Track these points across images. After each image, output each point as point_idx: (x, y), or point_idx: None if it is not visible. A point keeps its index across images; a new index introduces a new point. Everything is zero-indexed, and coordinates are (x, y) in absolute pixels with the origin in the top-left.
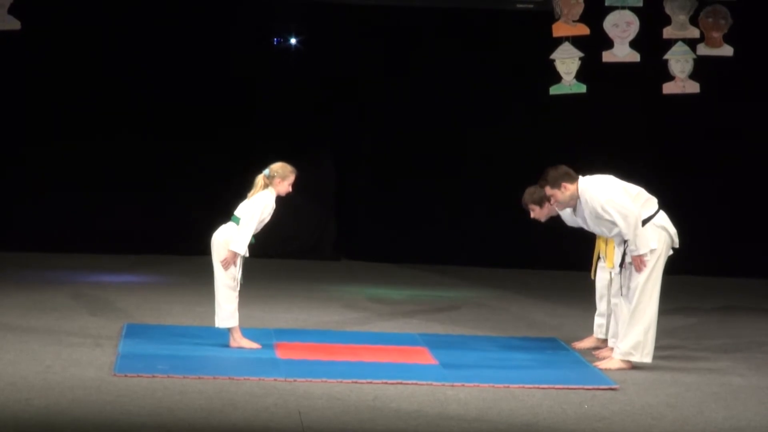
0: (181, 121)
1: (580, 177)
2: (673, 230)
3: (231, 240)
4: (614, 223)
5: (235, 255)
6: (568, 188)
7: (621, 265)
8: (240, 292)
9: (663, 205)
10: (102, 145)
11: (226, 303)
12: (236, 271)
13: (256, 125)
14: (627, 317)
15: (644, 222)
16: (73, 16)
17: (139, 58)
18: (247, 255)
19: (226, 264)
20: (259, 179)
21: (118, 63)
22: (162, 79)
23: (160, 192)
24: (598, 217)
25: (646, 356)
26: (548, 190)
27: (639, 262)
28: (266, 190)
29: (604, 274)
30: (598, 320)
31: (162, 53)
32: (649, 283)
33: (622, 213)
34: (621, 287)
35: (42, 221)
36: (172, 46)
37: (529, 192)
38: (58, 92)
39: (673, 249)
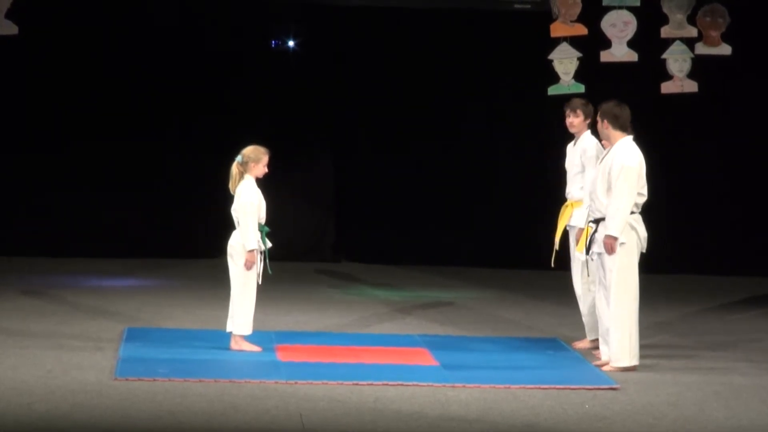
0: (180, 125)
1: (629, 137)
2: (643, 234)
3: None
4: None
5: (252, 252)
6: (608, 128)
7: (587, 251)
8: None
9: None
10: (102, 149)
11: (246, 310)
12: (259, 268)
13: (255, 129)
14: (608, 322)
15: None
16: (72, 19)
17: (139, 61)
18: (269, 245)
19: (249, 264)
20: (234, 168)
21: (118, 66)
22: (161, 82)
23: (160, 196)
24: (609, 174)
25: (633, 358)
26: (599, 115)
27: (609, 246)
28: (245, 180)
29: (577, 277)
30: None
31: (161, 56)
32: (622, 285)
33: (623, 188)
34: (597, 277)
35: (42, 225)
36: (171, 50)
37: (585, 103)
38: (57, 96)
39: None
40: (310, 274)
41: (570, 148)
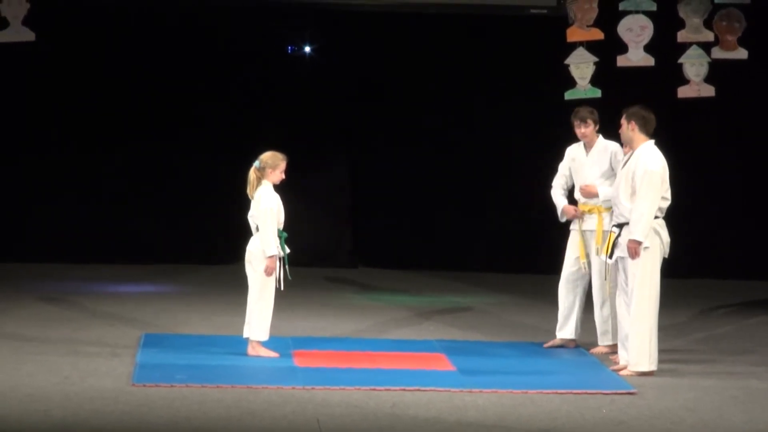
0: (197, 130)
1: (651, 141)
2: (666, 239)
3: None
4: (633, 195)
5: (272, 258)
6: (634, 130)
7: (611, 256)
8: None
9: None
10: (119, 154)
11: (264, 316)
12: (279, 274)
13: (271, 133)
14: (628, 327)
15: None
16: (85, 24)
17: (155, 66)
18: (288, 251)
19: (269, 271)
20: (251, 173)
21: (135, 71)
22: (177, 88)
23: (177, 201)
24: (633, 179)
25: (652, 363)
26: (623, 118)
27: (633, 250)
28: (262, 186)
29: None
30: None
31: (177, 61)
32: (645, 289)
33: (648, 192)
34: (620, 282)
35: (58, 232)
36: (187, 54)
37: (592, 111)
38: (73, 101)
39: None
40: (327, 279)
41: (581, 154)
